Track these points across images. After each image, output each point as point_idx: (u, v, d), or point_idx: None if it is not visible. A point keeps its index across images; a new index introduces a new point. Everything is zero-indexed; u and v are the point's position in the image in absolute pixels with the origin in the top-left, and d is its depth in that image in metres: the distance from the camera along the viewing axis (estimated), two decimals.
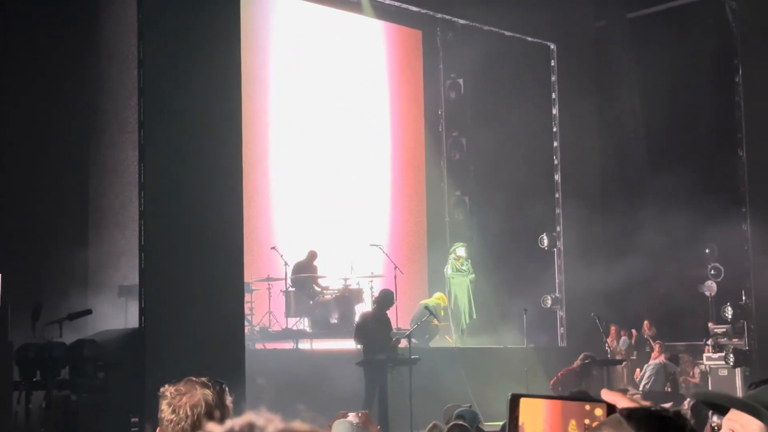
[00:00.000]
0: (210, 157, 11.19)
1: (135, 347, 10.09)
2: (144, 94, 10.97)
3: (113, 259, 12.12)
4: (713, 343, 16.04)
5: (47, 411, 9.12)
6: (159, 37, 11.08)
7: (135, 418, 9.28)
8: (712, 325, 16.39)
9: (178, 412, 3.03)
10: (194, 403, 3.03)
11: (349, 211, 17.06)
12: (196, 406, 3.02)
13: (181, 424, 3.01)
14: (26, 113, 11.62)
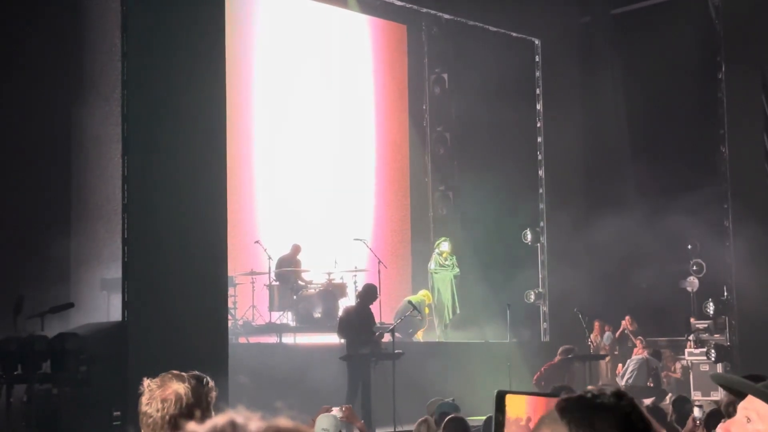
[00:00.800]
0: (194, 151, 11.16)
1: (117, 341, 10.06)
2: (127, 87, 10.92)
3: (95, 252, 12.07)
4: (695, 338, 16.12)
5: (29, 405, 9.09)
6: (143, 30, 11.03)
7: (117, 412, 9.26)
8: (694, 321, 16.47)
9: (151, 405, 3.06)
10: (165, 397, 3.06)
11: (333, 206, 17.05)
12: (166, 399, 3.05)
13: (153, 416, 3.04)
14: (7, 105, 11.55)
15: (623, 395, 1.37)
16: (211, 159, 11.37)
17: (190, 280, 10.82)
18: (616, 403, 1.34)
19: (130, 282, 10.57)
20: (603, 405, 1.34)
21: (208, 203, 11.28)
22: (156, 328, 10.34)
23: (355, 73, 17.91)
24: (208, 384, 3.16)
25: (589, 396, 1.37)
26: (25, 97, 11.62)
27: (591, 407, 1.34)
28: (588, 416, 1.33)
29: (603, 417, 1.32)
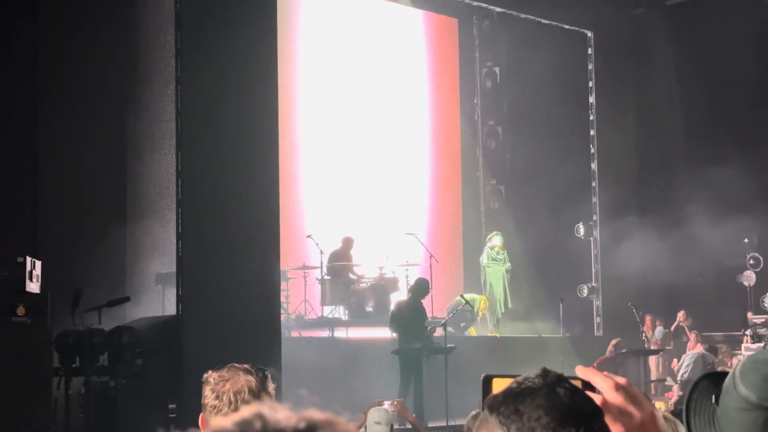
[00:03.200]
0: (246, 146, 11.24)
1: (172, 334, 10.18)
2: (181, 83, 11.03)
3: (150, 247, 12.22)
4: (752, 333, 15.88)
5: (86, 397, 9.23)
6: (196, 26, 11.14)
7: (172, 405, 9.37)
8: (751, 315, 16.23)
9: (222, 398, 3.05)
10: (237, 389, 3.05)
11: (384, 200, 17.06)
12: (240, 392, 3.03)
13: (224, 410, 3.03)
14: (64, 101, 11.73)
15: (548, 373, 1.32)
16: (263, 154, 11.45)
17: (242, 275, 10.91)
18: (540, 383, 1.30)
19: (185, 276, 10.68)
20: (527, 389, 1.29)
21: (260, 198, 11.36)
22: (210, 322, 10.45)
23: (407, 67, 17.90)
24: (269, 376, 3.17)
25: (513, 386, 1.32)
26: (80, 94, 11.79)
27: (515, 395, 1.29)
28: (513, 404, 1.28)
29: (528, 401, 1.27)
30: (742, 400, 1.87)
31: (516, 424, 1.27)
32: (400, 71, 17.75)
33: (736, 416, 1.89)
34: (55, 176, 11.61)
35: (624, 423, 1.40)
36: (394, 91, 17.60)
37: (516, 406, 1.28)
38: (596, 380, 1.40)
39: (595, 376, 1.41)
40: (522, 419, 1.27)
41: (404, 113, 17.69)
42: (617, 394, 1.42)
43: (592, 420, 1.29)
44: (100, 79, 12.00)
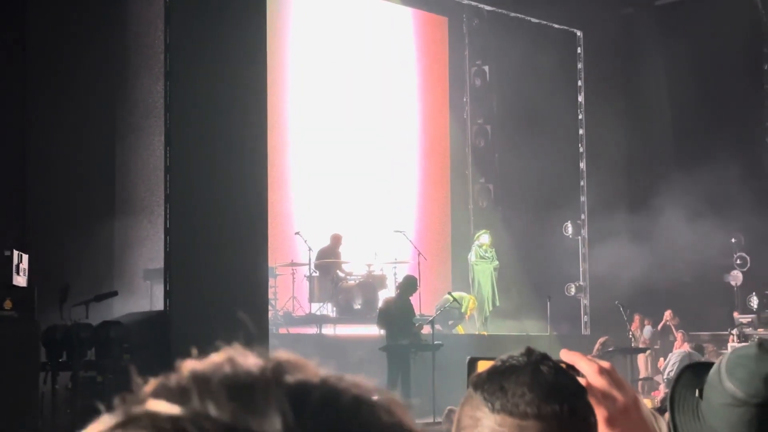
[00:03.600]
0: (235, 142, 11.24)
1: (160, 330, 10.18)
2: (170, 79, 11.02)
3: (138, 242, 12.21)
4: (738, 333, 15.95)
5: (73, 392, 9.21)
6: (186, 22, 11.12)
7: None
8: (737, 315, 16.31)
9: None
10: None
11: (373, 197, 17.08)
12: None
13: None
14: (52, 98, 11.71)
15: (532, 351, 1.32)
16: (252, 150, 11.45)
17: (231, 271, 10.91)
18: (525, 361, 1.30)
19: (173, 272, 10.68)
20: (512, 367, 1.30)
21: (249, 194, 11.36)
22: (197, 318, 10.44)
23: (397, 65, 17.91)
24: None
25: (497, 364, 1.32)
26: (70, 88, 11.77)
27: (499, 373, 1.30)
28: (497, 382, 1.29)
29: (513, 379, 1.28)
30: (728, 396, 1.86)
31: (500, 400, 1.28)
32: (389, 69, 17.76)
33: (722, 411, 1.88)
34: (44, 170, 11.59)
35: (607, 407, 1.40)
36: (384, 89, 17.61)
37: (501, 383, 1.29)
38: (580, 364, 1.41)
39: (579, 360, 1.42)
40: (506, 396, 1.28)
41: (394, 111, 17.70)
42: (601, 378, 1.43)
43: (575, 397, 1.30)
44: (89, 74, 11.98)
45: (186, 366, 0.58)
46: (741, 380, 1.85)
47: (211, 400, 0.54)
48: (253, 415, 0.54)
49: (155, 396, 0.56)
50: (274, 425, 0.54)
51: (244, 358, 0.58)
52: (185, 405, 0.54)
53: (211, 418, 0.54)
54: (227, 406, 0.54)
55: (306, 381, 0.57)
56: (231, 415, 0.54)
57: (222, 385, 0.55)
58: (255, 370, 0.57)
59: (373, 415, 0.57)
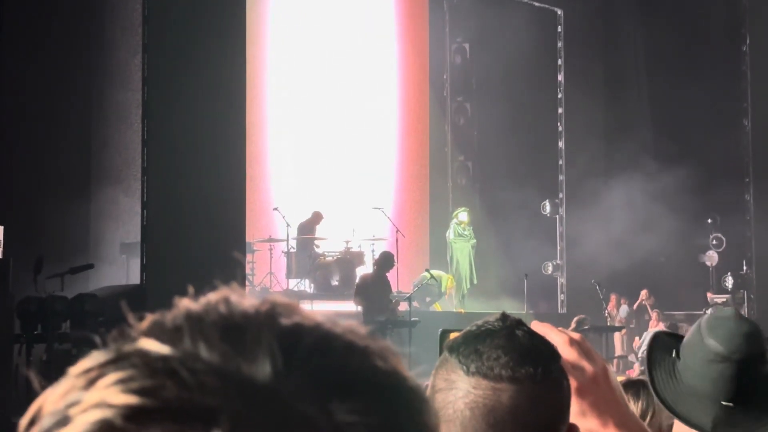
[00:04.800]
0: (213, 116, 11.16)
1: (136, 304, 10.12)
2: (148, 51, 10.92)
3: (115, 216, 12.14)
4: None
5: (48, 364, 9.17)
6: None
7: None
8: (712, 295, 16.43)
9: None
10: None
11: (352, 174, 17.04)
12: None
13: None
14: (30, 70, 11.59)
15: (507, 317, 1.33)
16: (230, 124, 11.38)
17: (207, 246, 10.86)
18: (500, 326, 1.31)
19: (149, 245, 10.63)
20: (486, 331, 1.31)
21: (227, 169, 11.30)
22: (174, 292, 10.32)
23: (376, 42, 17.84)
24: None
25: (473, 328, 1.33)
26: (46, 60, 11.65)
27: (474, 336, 1.31)
28: (472, 345, 1.29)
29: (488, 342, 1.29)
30: (710, 353, 1.93)
31: (475, 363, 1.28)
32: (369, 46, 17.69)
33: (702, 369, 1.94)
34: (19, 142, 11.49)
35: (576, 377, 1.41)
36: (364, 66, 17.54)
37: (475, 346, 1.29)
38: (551, 335, 1.41)
39: (549, 331, 1.43)
40: (481, 359, 1.28)
41: (373, 88, 17.65)
42: (571, 349, 1.44)
43: (550, 361, 1.30)
44: (66, 46, 11.86)
45: (182, 304, 0.58)
46: (722, 337, 1.92)
47: (203, 341, 0.55)
48: (243, 357, 0.54)
49: (148, 334, 0.56)
50: (263, 368, 0.54)
51: (240, 299, 0.58)
52: (177, 345, 0.55)
53: (201, 359, 0.54)
54: (218, 347, 0.54)
55: (299, 324, 0.57)
56: (221, 357, 0.54)
57: (215, 327, 0.56)
58: (249, 312, 0.57)
59: (365, 361, 0.57)
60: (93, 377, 0.54)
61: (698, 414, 1.95)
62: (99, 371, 0.54)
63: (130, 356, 0.54)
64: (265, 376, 0.54)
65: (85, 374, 0.55)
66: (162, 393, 0.52)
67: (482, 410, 1.26)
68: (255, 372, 0.54)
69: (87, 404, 0.53)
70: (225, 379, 0.53)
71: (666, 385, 2.00)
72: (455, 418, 1.27)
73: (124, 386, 0.52)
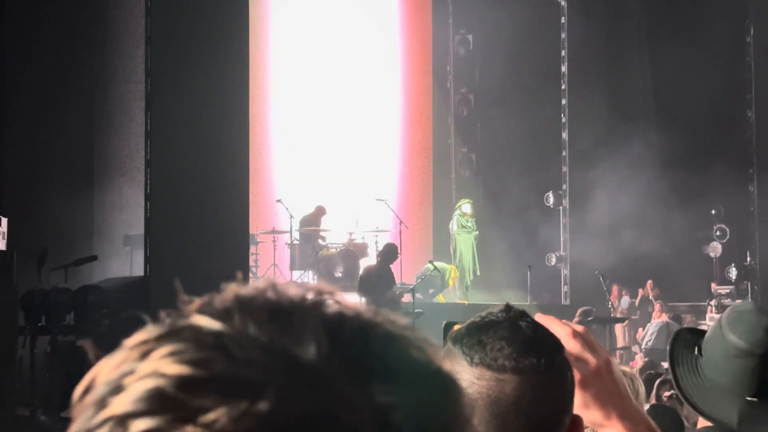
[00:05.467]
0: (216, 107, 11.15)
1: (140, 295, 10.14)
2: (151, 43, 10.90)
3: (118, 208, 12.14)
4: (717, 304, 16.07)
5: (52, 356, 9.19)
6: None
7: None
8: (716, 286, 16.41)
9: None
10: None
11: (355, 166, 17.03)
12: None
13: None
14: (33, 61, 11.58)
15: (511, 308, 1.34)
16: (233, 116, 11.37)
17: (211, 237, 10.86)
18: (504, 317, 1.32)
19: (153, 238, 10.62)
20: (490, 322, 1.32)
21: (230, 160, 11.29)
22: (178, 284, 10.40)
23: (380, 34, 17.81)
24: None
25: (476, 319, 1.34)
26: (48, 53, 11.64)
27: (478, 327, 1.32)
28: (476, 336, 1.30)
29: (491, 333, 1.30)
30: (732, 348, 1.93)
31: (479, 354, 1.29)
32: (372, 38, 17.66)
33: (724, 364, 1.94)
34: (22, 134, 11.49)
35: (580, 369, 1.42)
36: (367, 58, 17.51)
37: (479, 337, 1.30)
38: (554, 327, 1.42)
39: (553, 323, 1.43)
40: (485, 350, 1.29)
41: (377, 80, 17.62)
42: (574, 341, 1.44)
43: (553, 352, 1.31)
44: (69, 38, 11.85)
45: (230, 288, 0.60)
46: (743, 332, 1.92)
47: (252, 321, 0.57)
48: (290, 338, 0.57)
49: (200, 312, 0.58)
50: (309, 350, 0.56)
51: (286, 287, 0.61)
52: (227, 323, 0.57)
53: (250, 336, 0.56)
54: (267, 327, 0.57)
55: (342, 312, 0.60)
56: (269, 337, 0.56)
57: (263, 309, 0.58)
58: (296, 298, 0.60)
59: (404, 350, 0.59)
60: (147, 350, 0.56)
61: (722, 410, 1.95)
62: (153, 344, 0.56)
63: (183, 330, 0.57)
64: (311, 357, 0.56)
65: (139, 346, 0.57)
66: (212, 366, 0.54)
67: (486, 401, 1.27)
68: (301, 352, 0.56)
69: (141, 373, 0.55)
70: (272, 356, 0.55)
71: (689, 381, 2.00)
72: None
73: (177, 358, 0.55)
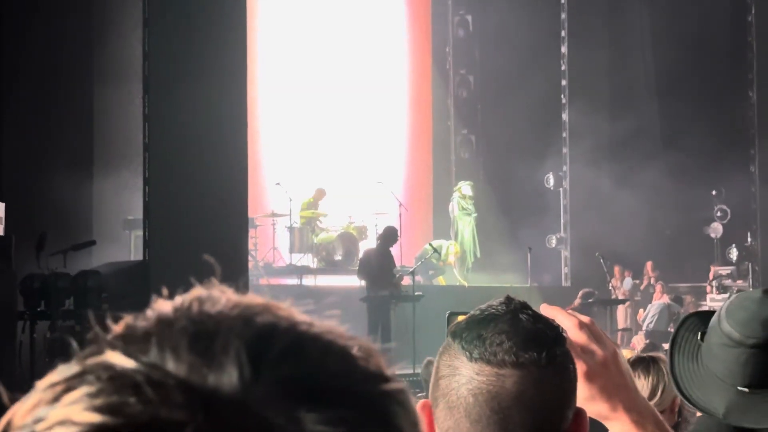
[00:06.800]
0: (215, 90, 11.08)
1: (139, 280, 10.10)
2: (148, 25, 10.83)
3: (117, 192, 12.10)
4: (717, 284, 16.05)
5: (52, 341, 9.16)
6: None
7: None
8: (716, 267, 16.39)
9: None
10: None
11: (354, 148, 16.98)
12: None
13: None
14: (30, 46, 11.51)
15: (512, 300, 1.31)
16: (232, 99, 11.31)
17: (211, 220, 10.82)
18: (504, 310, 1.29)
19: (152, 221, 10.58)
20: (490, 315, 1.28)
21: (229, 144, 11.24)
22: (177, 268, 10.36)
23: (379, 15, 17.72)
24: None
25: (476, 312, 1.31)
26: (46, 36, 11.57)
27: (477, 321, 1.28)
28: (476, 330, 1.27)
29: (491, 327, 1.27)
30: (724, 337, 1.91)
31: (478, 349, 1.26)
32: (372, 18, 17.57)
33: (718, 352, 1.93)
34: (20, 118, 11.42)
35: (586, 361, 1.40)
36: (366, 39, 17.43)
37: (479, 331, 1.27)
38: (560, 318, 1.39)
39: (558, 314, 1.41)
40: (485, 344, 1.26)
41: (376, 61, 17.54)
42: (580, 333, 1.42)
43: (554, 344, 1.28)
44: (66, 22, 11.77)
45: (157, 306, 0.57)
46: (739, 321, 1.90)
47: (170, 350, 0.53)
48: (210, 368, 0.53)
49: (116, 344, 0.55)
50: (230, 378, 0.52)
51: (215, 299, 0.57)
52: (144, 354, 0.53)
53: (166, 372, 0.52)
54: (185, 357, 0.53)
55: (273, 326, 0.55)
56: (188, 368, 0.53)
57: (183, 333, 0.54)
58: (221, 316, 0.55)
59: (344, 364, 0.55)
60: (59, 392, 0.53)
61: (713, 398, 1.94)
62: (65, 385, 0.53)
63: (95, 370, 0.53)
64: (232, 386, 0.52)
65: (51, 388, 0.53)
66: (126, 409, 0.51)
67: (486, 396, 1.25)
68: (221, 382, 0.52)
69: (52, 421, 0.52)
70: (190, 392, 0.52)
71: (685, 368, 1.99)
72: (459, 405, 1.26)
73: (89, 403, 0.51)
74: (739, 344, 1.89)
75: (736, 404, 1.91)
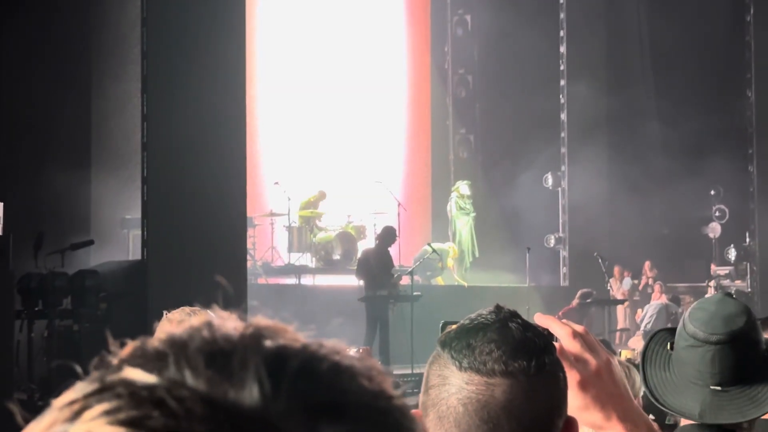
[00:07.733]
0: (214, 89, 11.07)
1: (137, 279, 10.09)
2: (147, 24, 10.81)
3: (116, 191, 12.08)
4: (716, 284, 16.05)
5: (49, 340, 9.15)
6: None
7: None
8: (715, 267, 16.39)
9: None
10: None
11: (353, 148, 16.97)
12: None
13: None
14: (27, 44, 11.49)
15: (501, 309, 1.31)
16: (230, 98, 11.29)
17: (209, 220, 10.81)
18: (493, 318, 1.29)
19: (150, 221, 10.56)
20: (479, 324, 1.29)
21: (227, 143, 11.23)
22: (175, 267, 10.36)
23: (378, 14, 17.71)
24: None
25: (466, 322, 1.31)
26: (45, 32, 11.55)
27: (467, 331, 1.29)
28: (465, 339, 1.27)
29: (480, 336, 1.27)
30: (690, 338, 1.97)
31: (468, 358, 1.26)
32: (370, 18, 17.56)
33: (686, 354, 1.98)
34: (18, 115, 11.41)
35: (579, 370, 1.40)
36: (365, 38, 17.42)
37: (468, 340, 1.27)
38: (554, 327, 1.41)
39: (552, 323, 1.42)
40: (474, 353, 1.26)
41: (374, 61, 17.53)
42: (574, 342, 1.43)
43: (543, 353, 1.27)
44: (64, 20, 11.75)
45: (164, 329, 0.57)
46: (702, 321, 1.96)
47: (188, 367, 0.53)
48: (230, 383, 0.53)
49: (131, 362, 0.54)
50: (251, 394, 0.53)
51: (223, 323, 0.57)
52: (162, 373, 0.53)
53: (187, 386, 0.52)
54: (204, 374, 0.53)
55: (285, 347, 0.56)
56: (207, 384, 0.53)
57: (199, 352, 0.54)
58: (233, 336, 0.56)
59: (352, 382, 0.56)
60: (78, 409, 0.52)
61: (687, 402, 1.98)
62: (84, 402, 0.52)
63: (115, 386, 0.53)
64: (253, 401, 0.53)
65: (69, 406, 0.53)
66: (149, 423, 0.51)
67: (476, 406, 1.25)
68: (242, 397, 0.53)
69: None
70: (212, 406, 0.52)
71: (658, 378, 2.03)
72: (449, 415, 1.26)
73: (111, 417, 0.51)
74: (704, 342, 1.94)
75: (709, 404, 1.94)
